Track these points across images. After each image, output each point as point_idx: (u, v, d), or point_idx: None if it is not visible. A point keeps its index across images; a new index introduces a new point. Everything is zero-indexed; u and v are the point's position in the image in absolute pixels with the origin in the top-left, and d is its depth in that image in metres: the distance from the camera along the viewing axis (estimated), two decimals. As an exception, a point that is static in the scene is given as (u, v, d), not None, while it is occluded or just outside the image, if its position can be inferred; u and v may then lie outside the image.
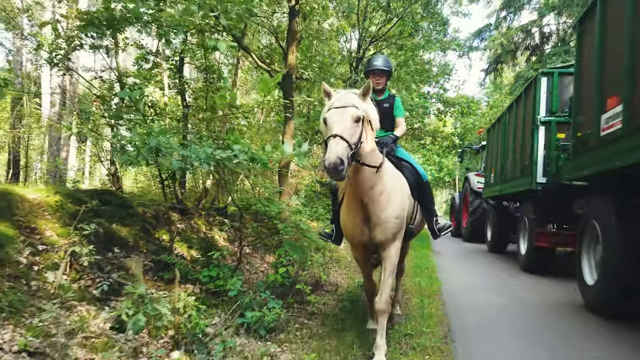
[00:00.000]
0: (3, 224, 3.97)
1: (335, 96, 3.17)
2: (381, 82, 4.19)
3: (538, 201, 7.56)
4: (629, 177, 4.35)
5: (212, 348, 3.34)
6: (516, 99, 9.09)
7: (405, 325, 4.09)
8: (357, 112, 3.01)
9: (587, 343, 3.79)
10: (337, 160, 2.68)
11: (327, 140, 2.92)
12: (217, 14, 4.48)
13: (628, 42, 4.15)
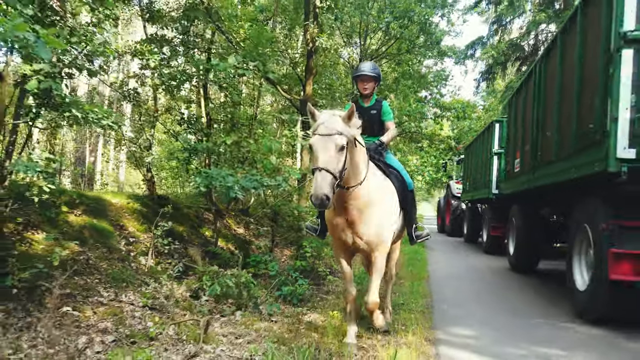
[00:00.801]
0: (104, 222, 5.47)
1: (321, 118, 3.27)
2: (368, 87, 4.22)
3: (492, 205, 10.62)
4: (528, 194, 7.34)
5: (262, 309, 4.82)
6: (480, 134, 12.30)
7: (398, 298, 5.56)
8: (341, 140, 3.13)
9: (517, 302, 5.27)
10: (323, 196, 2.94)
11: (313, 170, 3.14)
12: (256, 63, 5.96)
13: (521, 121, 7.29)
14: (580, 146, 4.69)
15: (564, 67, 5.45)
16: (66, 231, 4.72)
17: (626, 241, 4.04)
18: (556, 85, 5.65)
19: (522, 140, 7.40)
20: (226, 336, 3.94)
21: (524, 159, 7.24)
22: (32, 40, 2.15)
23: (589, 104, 4.48)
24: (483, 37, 20.52)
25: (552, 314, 5.04)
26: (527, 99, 7.19)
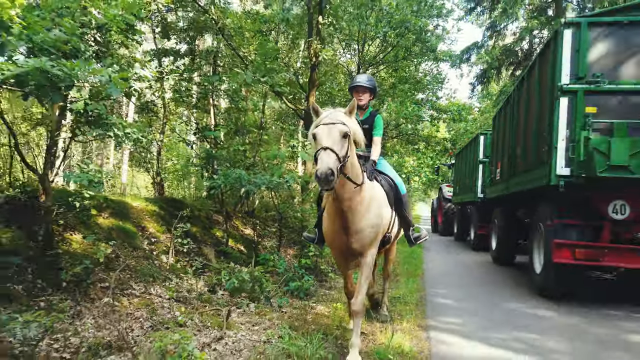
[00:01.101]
0: (128, 224, 6.05)
1: (324, 113, 3.37)
2: (364, 98, 4.32)
3: (478, 207, 11.70)
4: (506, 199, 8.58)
5: (273, 302, 5.41)
6: (468, 143, 14.19)
7: (396, 292, 6.16)
8: (344, 128, 3.21)
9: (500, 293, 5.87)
10: (328, 170, 2.90)
11: (317, 153, 3.13)
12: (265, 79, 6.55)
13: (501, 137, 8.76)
14: (536, 164, 6.16)
15: (529, 101, 6.89)
16: (97, 232, 5.29)
17: (565, 234, 5.59)
18: (524, 113, 7.16)
19: (501, 153, 8.82)
20: (244, 324, 4.51)
21: (502, 169, 8.60)
22: (104, 81, 2.72)
23: (542, 133, 5.97)
24: (478, 43, 21.17)
25: (530, 303, 5.66)
26: (505, 120, 8.63)
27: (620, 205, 5.39)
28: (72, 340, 3.40)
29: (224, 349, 3.73)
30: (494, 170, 9.42)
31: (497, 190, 9.04)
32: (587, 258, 5.46)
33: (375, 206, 3.77)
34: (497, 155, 9.20)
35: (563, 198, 5.61)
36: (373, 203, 3.75)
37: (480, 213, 11.65)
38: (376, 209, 3.78)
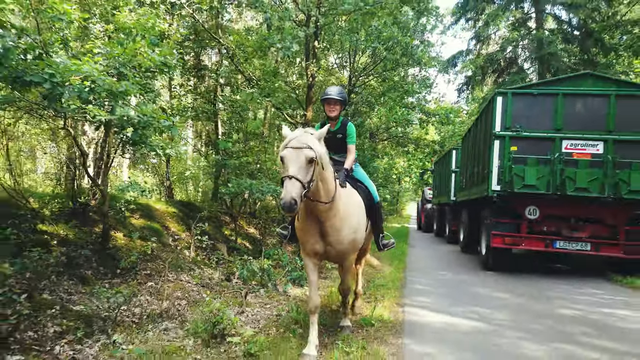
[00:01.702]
0: (155, 224, 7.21)
1: (292, 134, 3.49)
2: (335, 110, 4.42)
3: (452, 208, 13.88)
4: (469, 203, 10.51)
5: (279, 288, 6.58)
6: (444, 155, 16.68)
7: (381, 281, 7.34)
8: (310, 153, 3.33)
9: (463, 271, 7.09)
10: (291, 200, 3.09)
11: (283, 178, 3.30)
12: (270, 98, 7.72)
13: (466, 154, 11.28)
14: (481, 180, 8.90)
15: (478, 137, 9.75)
16: (132, 230, 6.45)
17: (498, 228, 8.15)
18: (476, 145, 9.98)
19: (465, 167, 11.39)
20: (257, 304, 5.69)
21: (465, 180, 11.12)
22: (167, 125, 3.88)
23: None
24: (463, 51, 22.48)
25: (491, 287, 6.92)
26: (467, 144, 11.30)
27: (532, 209, 7.99)
28: (134, 311, 4.57)
29: (246, 319, 4.91)
30: (462, 179, 11.52)
31: (463, 195, 11.43)
32: (512, 244, 8.20)
33: (354, 218, 3.99)
34: (463, 168, 11.76)
35: (497, 205, 8.19)
36: (351, 217, 3.94)
37: (453, 213, 13.95)
38: (354, 216, 4.01)
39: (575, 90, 7.89)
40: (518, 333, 4.53)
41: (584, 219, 8.01)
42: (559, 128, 7.74)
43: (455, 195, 13.05)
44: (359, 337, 4.25)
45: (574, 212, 7.99)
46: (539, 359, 3.77)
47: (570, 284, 7.50)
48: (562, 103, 7.77)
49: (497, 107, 8.00)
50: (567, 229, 8.04)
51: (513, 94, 8.03)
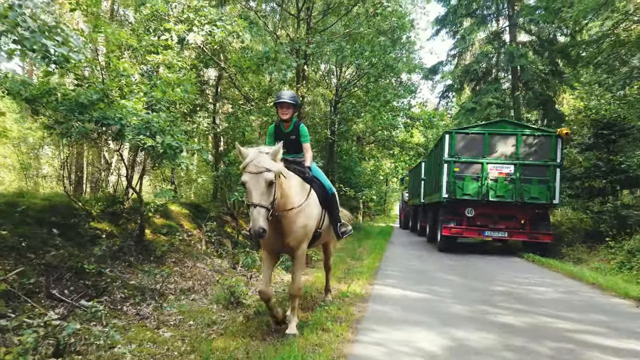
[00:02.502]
0: (172, 222, 8.78)
1: (249, 156, 3.74)
2: (287, 113, 4.71)
3: (422, 209, 17.47)
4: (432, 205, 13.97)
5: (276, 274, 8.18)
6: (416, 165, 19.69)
7: (359, 269, 8.97)
8: (269, 176, 3.64)
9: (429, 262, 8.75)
10: (259, 229, 3.49)
11: (249, 205, 3.65)
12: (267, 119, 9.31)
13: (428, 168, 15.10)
14: (436, 190, 12.45)
15: (434, 160, 13.51)
16: (155, 228, 8.02)
17: (447, 222, 11.63)
18: (434, 163, 13.52)
19: (428, 178, 14.93)
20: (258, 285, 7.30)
21: (429, 187, 14.58)
22: (198, 149, 5.45)
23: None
24: (443, 62, 24.27)
25: (445, 270, 8.60)
26: (430, 161, 15.01)
27: (469, 210, 11.49)
28: (170, 287, 6.17)
29: (252, 294, 6.52)
30: (429, 186, 14.25)
31: (427, 199, 14.90)
32: (456, 234, 11.72)
33: (306, 208, 4.40)
34: (428, 177, 15.07)
35: (446, 207, 11.80)
36: (305, 211, 4.36)
37: (422, 213, 17.84)
38: (307, 210, 4.40)
39: (495, 131, 11.73)
40: (454, 300, 6.20)
41: (503, 216, 11.66)
42: (485, 156, 11.53)
43: (423, 199, 15.95)
44: (336, 304, 5.88)
45: (496, 212, 11.65)
46: (460, 314, 5.42)
47: (503, 267, 9.24)
48: (487, 139, 11.56)
49: (445, 142, 11.65)
50: (492, 222, 11.66)
51: (456, 132, 11.80)
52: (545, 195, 11.04)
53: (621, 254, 9.39)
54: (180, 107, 6.94)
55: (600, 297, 6.74)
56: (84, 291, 4.84)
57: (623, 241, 9.73)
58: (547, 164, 11.14)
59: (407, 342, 4.21)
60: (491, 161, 11.38)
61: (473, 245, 14.58)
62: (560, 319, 5.25)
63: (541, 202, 11.13)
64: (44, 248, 5.31)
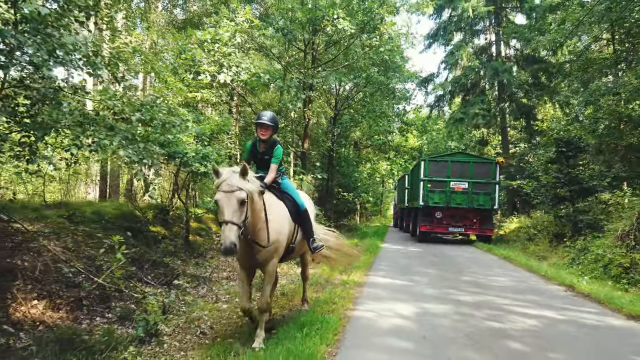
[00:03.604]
0: (203, 225, 10.83)
1: (223, 176, 3.98)
2: (266, 134, 4.91)
3: (407, 211, 21.75)
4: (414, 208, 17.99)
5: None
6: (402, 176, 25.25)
7: (357, 264, 10.98)
8: (241, 195, 3.87)
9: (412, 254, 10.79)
10: (231, 245, 3.70)
11: (220, 222, 3.86)
12: (280, 138, 11.35)
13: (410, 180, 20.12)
14: (415, 198, 17.46)
15: (415, 175, 18.05)
16: (193, 230, 10.05)
17: (423, 222, 16.73)
18: (414, 179, 18.36)
19: (410, 187, 19.74)
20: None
21: (411, 195, 18.94)
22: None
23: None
24: (434, 74, 26.39)
25: (426, 266, 10.68)
26: (412, 175, 19.51)
27: (438, 212, 16.31)
28: (213, 276, 8.21)
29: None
30: (412, 193, 17.79)
31: (410, 204, 19.60)
32: (429, 230, 16.65)
33: (276, 224, 4.57)
34: (410, 188, 19.96)
35: (422, 210, 16.45)
36: (273, 223, 4.52)
37: (407, 214, 21.98)
38: (277, 226, 4.57)
39: (456, 159, 16.85)
40: (428, 286, 8.25)
41: (461, 217, 16.40)
42: (448, 176, 16.37)
43: (407, 203, 21.00)
44: (338, 288, 7.91)
45: (456, 214, 16.40)
46: (430, 295, 7.47)
47: (474, 262, 11.35)
48: (450, 165, 16.58)
49: (421, 166, 16.82)
50: (454, 221, 16.39)
51: (429, 160, 16.99)
52: (488, 203, 16.02)
53: (573, 252, 11.47)
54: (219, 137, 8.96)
55: (543, 284, 8.84)
56: (161, 277, 6.88)
57: (577, 241, 11.82)
58: (489, 181, 16.15)
59: (390, 310, 6.27)
60: (452, 180, 16.31)
61: (442, 239, 19.42)
62: (503, 297, 7.33)
63: (486, 207, 16.11)
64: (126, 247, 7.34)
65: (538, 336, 5.16)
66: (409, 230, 20.33)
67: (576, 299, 7.44)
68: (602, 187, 12.15)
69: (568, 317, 6.12)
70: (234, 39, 9.93)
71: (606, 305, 6.86)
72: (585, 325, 5.77)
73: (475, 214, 16.28)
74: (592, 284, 8.44)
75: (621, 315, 6.30)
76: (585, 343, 5.01)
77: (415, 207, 17.71)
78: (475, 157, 18.04)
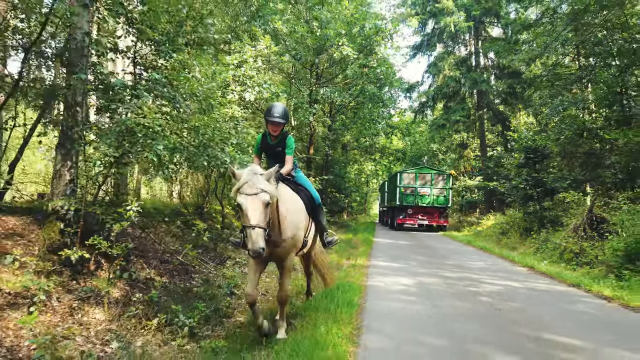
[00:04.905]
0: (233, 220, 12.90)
1: (243, 177, 3.94)
2: (277, 130, 4.92)
3: (388, 209, 27.41)
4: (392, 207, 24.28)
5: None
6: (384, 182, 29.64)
7: (358, 254, 13.17)
8: (266, 197, 3.87)
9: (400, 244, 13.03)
10: (259, 250, 3.73)
11: (246, 227, 3.87)
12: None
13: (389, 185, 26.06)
14: (393, 199, 24.32)
15: (393, 183, 24.75)
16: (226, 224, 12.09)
17: (399, 215, 23.64)
18: (391, 186, 25.39)
19: (389, 191, 25.71)
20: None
21: (390, 197, 25.41)
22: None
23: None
24: (419, 82, 28.86)
25: (417, 253, 12.96)
26: (390, 182, 26.18)
27: (410, 209, 23.20)
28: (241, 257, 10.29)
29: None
30: (389, 197, 21.90)
31: (390, 204, 25.18)
32: (403, 222, 23.58)
33: (294, 218, 4.55)
34: (388, 192, 25.50)
35: (398, 208, 23.39)
36: (291, 216, 4.49)
37: (387, 211, 27.46)
38: (295, 219, 4.55)
39: (421, 172, 23.75)
40: (420, 267, 10.49)
41: (425, 212, 22.84)
42: (417, 183, 22.98)
43: (388, 203, 26.46)
44: (349, 269, 10.05)
45: (422, 210, 22.84)
46: (422, 272, 9.69)
47: (456, 252, 13.69)
48: (417, 175, 23.33)
49: (397, 177, 23.56)
50: (420, 216, 22.81)
51: (402, 173, 23.77)
52: (444, 202, 23.16)
53: (538, 242, 13.90)
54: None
55: (510, 266, 11.20)
56: (215, 259, 8.95)
57: (541, 234, 14.25)
58: (445, 187, 23.18)
59: (394, 281, 8.47)
60: (419, 186, 23.10)
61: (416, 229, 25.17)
62: (478, 274, 9.61)
63: (442, 205, 23.22)
64: (183, 236, 9.39)
65: (501, 294, 7.43)
66: (388, 224, 26.46)
67: (534, 275, 9.79)
68: (563, 188, 14.59)
69: (525, 285, 8.43)
70: (256, 62, 12.00)
71: (555, 279, 9.21)
72: (536, 289, 8.08)
73: (435, 210, 23.08)
74: (549, 266, 10.82)
75: (565, 285, 8.63)
76: (534, 298, 7.30)
77: (393, 206, 24.29)
78: (435, 169, 24.88)
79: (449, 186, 23.10)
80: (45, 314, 4.63)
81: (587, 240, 11.29)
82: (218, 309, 6.05)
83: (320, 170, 20.17)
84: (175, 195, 13.45)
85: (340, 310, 5.63)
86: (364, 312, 5.95)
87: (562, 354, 4.44)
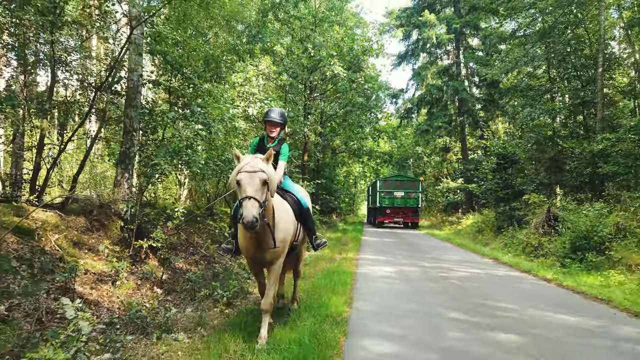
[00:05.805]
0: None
1: (245, 160, 4.09)
2: (275, 131, 5.10)
3: (373, 209, 31.60)
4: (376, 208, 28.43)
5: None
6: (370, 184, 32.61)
7: (348, 249, 14.99)
8: (264, 176, 3.98)
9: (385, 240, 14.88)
10: (253, 218, 3.69)
11: (242, 200, 3.88)
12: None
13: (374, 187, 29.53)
14: (374, 201, 30.14)
15: (374, 190, 30.02)
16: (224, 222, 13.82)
17: (381, 214, 28.76)
18: (374, 190, 30.22)
19: (372, 195, 30.79)
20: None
21: (372, 199, 30.05)
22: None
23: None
24: (404, 89, 30.82)
25: (400, 250, 14.84)
26: (373, 187, 30.72)
27: (388, 210, 28.40)
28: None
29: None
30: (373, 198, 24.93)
31: (372, 206, 30.93)
32: (382, 220, 28.83)
33: (283, 224, 4.69)
34: (371, 195, 30.76)
35: (379, 209, 28.58)
36: (280, 221, 4.64)
37: (375, 212, 29.90)
38: (284, 226, 4.70)
39: (397, 178, 29.36)
40: (403, 259, 12.34)
41: (400, 212, 28.01)
42: (393, 188, 28.12)
43: (372, 204, 30.67)
44: (341, 261, 11.85)
45: (398, 210, 28.08)
46: (405, 262, 11.54)
47: (435, 248, 15.62)
48: (394, 182, 28.66)
49: (377, 183, 29.06)
50: (397, 215, 28.12)
51: (382, 180, 29.17)
52: (416, 204, 27.77)
53: (506, 239, 15.88)
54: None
55: (479, 259, 13.13)
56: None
57: (509, 231, 16.23)
58: (416, 191, 27.80)
59: (380, 269, 10.29)
60: (395, 191, 27.79)
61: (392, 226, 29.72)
62: (451, 264, 11.50)
63: (414, 206, 27.81)
64: (198, 232, 11.12)
65: (466, 277, 9.32)
66: (371, 222, 31.72)
67: (497, 265, 11.72)
68: (530, 190, 16.60)
69: (487, 272, 10.34)
70: (257, 80, 13.76)
71: (513, 267, 11.14)
72: (496, 275, 9.99)
73: (408, 210, 27.97)
74: (511, 258, 12.77)
75: (519, 271, 10.55)
76: (490, 280, 9.19)
77: (374, 207, 29.39)
78: (408, 177, 30.76)
79: (419, 190, 28.32)
80: (121, 288, 6.36)
81: (545, 235, 13.27)
82: (242, 287, 7.80)
83: (312, 175, 21.96)
84: (183, 199, 15.13)
85: (337, 287, 7.46)
86: (355, 289, 7.77)
87: (497, 312, 6.32)
